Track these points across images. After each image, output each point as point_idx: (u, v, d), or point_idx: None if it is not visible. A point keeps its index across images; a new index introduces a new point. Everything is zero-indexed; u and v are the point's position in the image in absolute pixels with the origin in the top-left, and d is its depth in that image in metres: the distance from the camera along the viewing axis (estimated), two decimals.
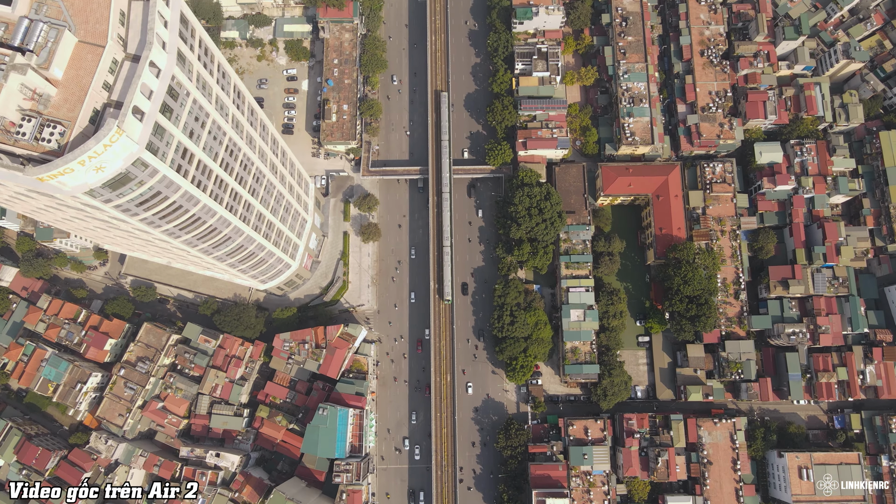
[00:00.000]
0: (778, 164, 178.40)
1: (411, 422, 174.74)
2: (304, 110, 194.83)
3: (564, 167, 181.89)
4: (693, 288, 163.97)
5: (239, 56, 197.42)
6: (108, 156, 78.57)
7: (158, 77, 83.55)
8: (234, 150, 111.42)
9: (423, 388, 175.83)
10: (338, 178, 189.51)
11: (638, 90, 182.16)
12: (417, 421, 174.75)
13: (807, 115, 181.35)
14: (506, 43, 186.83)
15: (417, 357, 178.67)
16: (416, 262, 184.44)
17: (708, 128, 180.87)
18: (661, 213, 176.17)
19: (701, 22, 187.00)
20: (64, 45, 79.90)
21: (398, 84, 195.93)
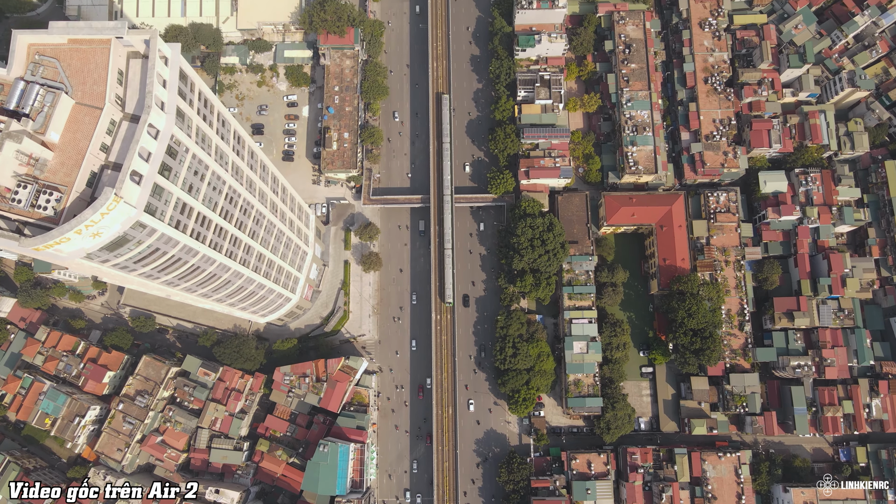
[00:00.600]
0: (783, 194, 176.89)
1: (412, 471, 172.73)
2: (304, 136, 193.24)
3: (567, 196, 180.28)
4: (697, 321, 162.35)
5: (239, 82, 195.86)
6: (105, 222, 77.04)
7: (157, 138, 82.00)
8: (234, 196, 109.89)
9: (425, 437, 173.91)
10: (338, 205, 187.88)
11: (641, 118, 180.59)
12: (419, 469, 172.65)
13: (812, 143, 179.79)
14: (508, 70, 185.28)
15: (418, 402, 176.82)
16: (418, 306, 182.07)
17: (712, 156, 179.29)
18: (665, 243, 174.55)
19: (705, 49, 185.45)
20: (61, 109, 78.33)
21: (399, 115, 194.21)
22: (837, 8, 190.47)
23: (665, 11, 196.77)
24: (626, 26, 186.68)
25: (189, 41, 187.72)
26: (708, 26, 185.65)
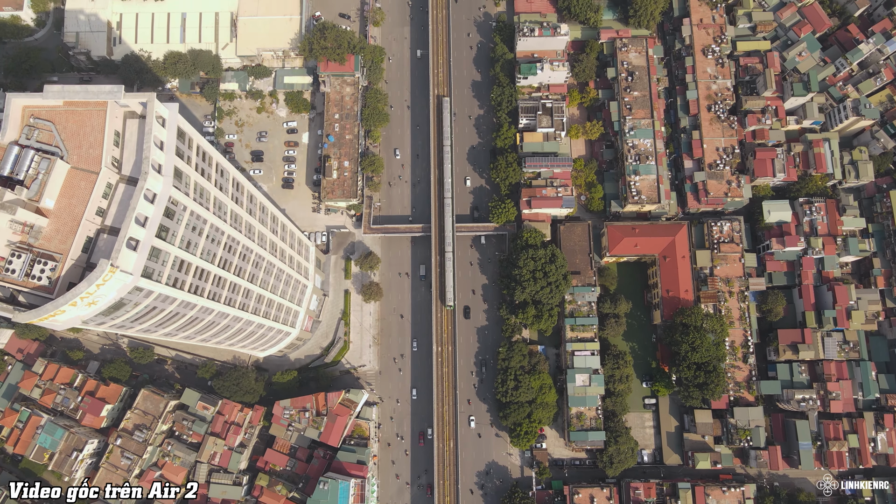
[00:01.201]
0: (787, 224, 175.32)
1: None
2: (304, 164, 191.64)
3: (569, 225, 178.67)
4: (701, 355, 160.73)
5: (238, 108, 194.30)
6: (101, 292, 75.51)
7: (154, 202, 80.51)
8: (233, 244, 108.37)
9: (425, 488, 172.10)
10: (339, 234, 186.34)
11: (644, 147, 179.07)
12: None
13: (816, 172, 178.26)
14: (509, 97, 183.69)
15: (419, 449, 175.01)
16: (419, 354, 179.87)
17: (715, 185, 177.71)
18: (668, 274, 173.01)
19: (708, 76, 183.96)
20: (56, 175, 76.86)
21: (400, 141, 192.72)
22: (842, 34, 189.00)
23: (668, 37, 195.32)
24: (628, 53, 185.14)
25: (188, 67, 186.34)
26: (711, 53, 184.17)
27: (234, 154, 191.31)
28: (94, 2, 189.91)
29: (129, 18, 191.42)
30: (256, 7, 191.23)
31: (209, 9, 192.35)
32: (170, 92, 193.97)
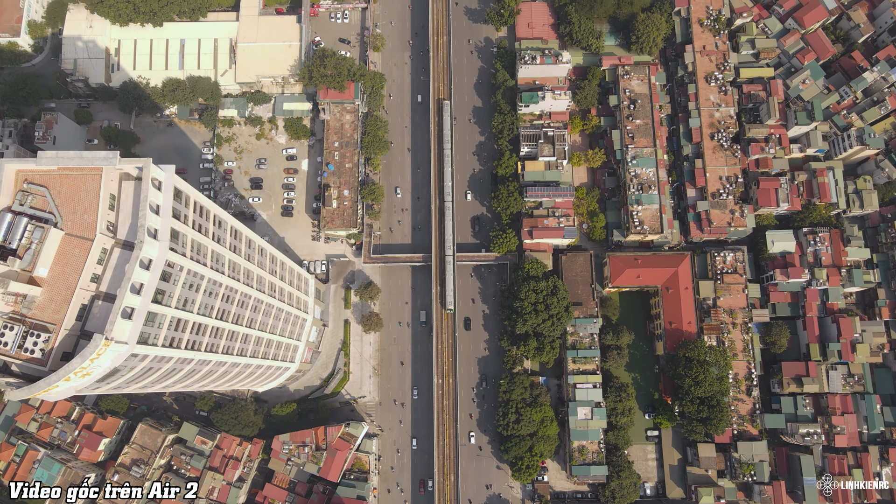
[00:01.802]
0: (791, 254, 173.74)
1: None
2: (303, 191, 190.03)
3: (571, 256, 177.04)
4: (704, 389, 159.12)
5: (237, 134, 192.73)
6: (96, 364, 73.92)
7: (150, 268, 78.95)
8: (231, 294, 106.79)
9: None
10: (338, 263, 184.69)
11: (647, 176, 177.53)
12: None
13: (820, 201, 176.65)
14: (511, 125, 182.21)
15: (419, 497, 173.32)
16: (419, 401, 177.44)
17: (718, 215, 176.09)
18: (671, 305, 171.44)
19: (711, 103, 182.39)
20: (50, 243, 75.26)
21: (400, 168, 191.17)
22: (846, 61, 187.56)
23: (670, 63, 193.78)
24: (630, 81, 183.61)
25: (187, 94, 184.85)
26: (714, 80, 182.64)
27: (232, 181, 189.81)
28: (92, 28, 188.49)
29: (128, 45, 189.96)
30: (256, 34, 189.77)
31: (208, 35, 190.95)
32: (168, 118, 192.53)
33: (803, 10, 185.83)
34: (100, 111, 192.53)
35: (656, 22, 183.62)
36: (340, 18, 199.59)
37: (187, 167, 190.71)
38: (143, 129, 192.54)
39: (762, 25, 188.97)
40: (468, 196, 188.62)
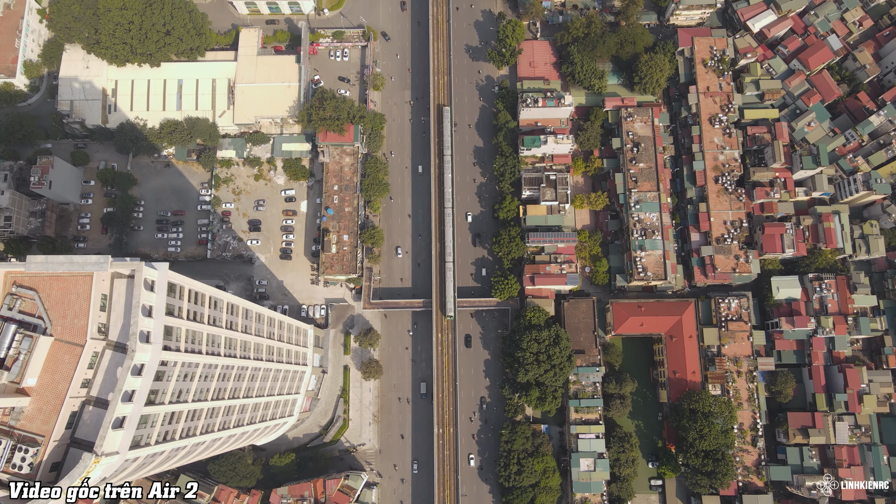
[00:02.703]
0: (796, 301, 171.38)
1: None
2: (302, 233, 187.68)
3: (574, 302, 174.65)
4: (709, 443, 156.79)
5: (236, 175, 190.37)
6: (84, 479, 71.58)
7: (142, 373, 76.60)
8: (227, 371, 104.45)
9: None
10: (338, 307, 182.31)
11: (650, 221, 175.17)
12: None
13: (826, 246, 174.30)
14: (512, 168, 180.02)
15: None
16: (420, 449, 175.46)
17: (723, 260, 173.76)
18: (675, 355, 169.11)
19: (715, 146, 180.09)
20: (39, 351, 72.94)
21: (400, 210, 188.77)
22: (851, 102, 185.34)
23: (674, 104, 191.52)
24: (633, 123, 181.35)
25: (184, 136, 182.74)
26: (718, 122, 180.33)
27: (230, 223, 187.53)
28: (89, 69, 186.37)
29: (125, 85, 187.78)
30: (254, 74, 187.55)
31: (206, 75, 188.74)
32: (166, 159, 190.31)
33: (808, 52, 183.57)
34: (96, 151, 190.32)
35: (659, 63, 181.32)
36: (340, 56, 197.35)
37: (185, 209, 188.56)
38: (140, 170, 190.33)
39: (766, 66, 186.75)
40: (469, 239, 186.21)
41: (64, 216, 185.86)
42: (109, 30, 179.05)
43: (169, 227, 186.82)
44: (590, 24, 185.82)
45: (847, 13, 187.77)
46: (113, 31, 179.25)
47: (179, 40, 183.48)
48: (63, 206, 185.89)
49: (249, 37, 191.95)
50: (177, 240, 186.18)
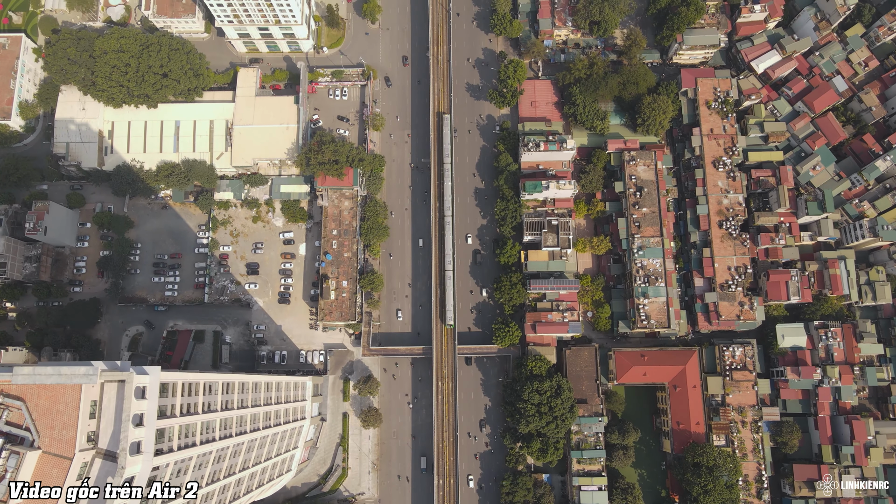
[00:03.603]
0: (802, 350, 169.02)
1: None
2: (301, 277, 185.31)
3: (576, 350, 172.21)
4: (714, 498, 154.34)
5: (234, 217, 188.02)
6: None
7: (133, 483, 74.20)
8: (222, 454, 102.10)
9: None
10: (336, 353, 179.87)
11: (653, 267, 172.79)
12: None
13: (832, 293, 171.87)
14: (514, 212, 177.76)
15: None
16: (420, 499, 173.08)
17: (727, 307, 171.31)
18: (679, 405, 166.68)
19: (719, 189, 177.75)
20: (25, 467, 70.61)
21: (401, 252, 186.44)
22: (857, 145, 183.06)
23: (677, 145, 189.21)
24: (636, 167, 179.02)
25: (182, 179, 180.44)
26: (722, 165, 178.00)
27: (228, 266, 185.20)
28: (85, 111, 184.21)
29: (121, 127, 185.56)
30: (252, 115, 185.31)
31: (204, 117, 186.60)
32: (163, 200, 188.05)
33: (813, 94, 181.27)
34: (93, 193, 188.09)
35: (662, 105, 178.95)
36: (339, 95, 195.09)
37: (182, 251, 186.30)
38: (136, 212, 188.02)
39: (771, 107, 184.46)
40: (470, 283, 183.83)
41: (60, 260, 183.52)
42: (105, 72, 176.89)
43: (166, 271, 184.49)
44: (592, 66, 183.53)
45: (852, 54, 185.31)
46: (109, 74, 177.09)
47: (177, 82, 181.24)
48: (59, 249, 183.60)
49: (248, 77, 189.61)
50: (174, 283, 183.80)
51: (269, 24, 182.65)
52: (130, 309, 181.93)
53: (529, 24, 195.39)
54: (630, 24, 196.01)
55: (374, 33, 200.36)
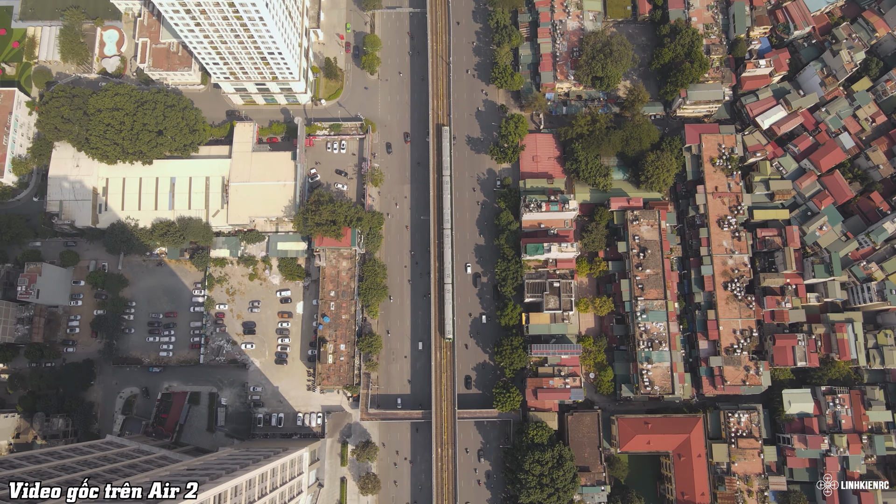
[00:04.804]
0: (809, 417, 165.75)
1: None
2: (298, 336, 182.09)
3: (578, 416, 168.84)
4: None
5: (230, 274, 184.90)
6: None
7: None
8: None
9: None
10: (334, 415, 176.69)
11: (657, 331, 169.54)
12: None
13: (839, 357, 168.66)
14: (515, 273, 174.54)
15: None
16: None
17: (732, 372, 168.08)
18: (683, 474, 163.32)
19: (724, 249, 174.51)
20: None
21: (400, 311, 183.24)
22: (864, 203, 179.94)
23: (681, 201, 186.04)
24: (639, 227, 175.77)
25: (177, 238, 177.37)
26: (727, 225, 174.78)
27: (224, 326, 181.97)
28: (79, 167, 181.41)
29: (116, 183, 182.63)
30: (249, 172, 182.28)
31: (199, 173, 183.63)
32: (158, 257, 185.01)
33: (820, 153, 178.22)
34: (87, 250, 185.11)
35: (666, 163, 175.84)
36: (337, 148, 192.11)
37: (177, 310, 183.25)
38: (131, 269, 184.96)
39: (776, 164, 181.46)
40: (468, 345, 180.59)
41: (53, 320, 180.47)
42: (100, 131, 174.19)
43: (161, 330, 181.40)
44: (594, 122, 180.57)
45: (859, 110, 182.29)
46: (103, 133, 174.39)
47: (172, 139, 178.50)
48: (52, 309, 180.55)
49: (244, 131, 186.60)
50: (169, 343, 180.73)
51: (266, 80, 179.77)
52: (125, 370, 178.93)
53: (531, 77, 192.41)
54: (633, 76, 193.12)
55: (373, 85, 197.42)
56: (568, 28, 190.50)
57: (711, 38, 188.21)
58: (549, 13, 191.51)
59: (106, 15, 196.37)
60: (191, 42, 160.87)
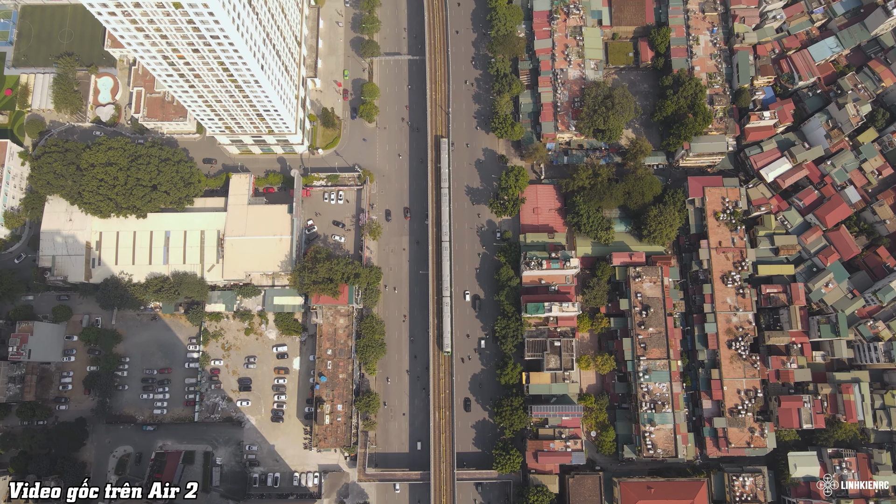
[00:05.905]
0: (815, 482, 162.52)
1: None
2: (295, 393, 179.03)
3: (579, 478, 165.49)
4: None
5: (225, 329, 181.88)
6: None
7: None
8: None
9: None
10: (332, 475, 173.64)
11: (660, 392, 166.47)
12: None
13: (845, 419, 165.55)
14: (515, 331, 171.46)
15: None
16: None
17: (736, 433, 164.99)
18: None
19: (728, 307, 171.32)
20: None
21: (398, 369, 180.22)
22: (871, 258, 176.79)
23: (684, 255, 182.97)
24: (642, 284, 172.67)
25: (171, 293, 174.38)
26: (731, 281, 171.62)
27: (220, 382, 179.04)
28: (72, 221, 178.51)
29: (110, 237, 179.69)
30: (244, 226, 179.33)
31: (194, 227, 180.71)
32: (152, 312, 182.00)
33: (825, 208, 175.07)
34: (80, 304, 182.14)
35: (669, 218, 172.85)
36: (335, 199, 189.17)
37: (172, 366, 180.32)
38: (125, 323, 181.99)
39: (781, 217, 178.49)
40: (469, 405, 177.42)
41: (45, 377, 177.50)
42: (93, 186, 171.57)
43: (155, 387, 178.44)
44: (596, 175, 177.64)
45: (865, 162, 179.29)
46: (97, 188, 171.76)
47: (166, 194, 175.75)
48: (44, 365, 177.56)
49: (240, 184, 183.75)
50: (163, 400, 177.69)
51: (262, 133, 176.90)
52: (118, 428, 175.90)
53: (531, 125, 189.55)
54: (635, 124, 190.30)
55: (371, 133, 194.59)
56: (569, 77, 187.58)
57: (715, 88, 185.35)
58: (550, 61, 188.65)
59: (101, 62, 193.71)
60: (185, 101, 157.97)
